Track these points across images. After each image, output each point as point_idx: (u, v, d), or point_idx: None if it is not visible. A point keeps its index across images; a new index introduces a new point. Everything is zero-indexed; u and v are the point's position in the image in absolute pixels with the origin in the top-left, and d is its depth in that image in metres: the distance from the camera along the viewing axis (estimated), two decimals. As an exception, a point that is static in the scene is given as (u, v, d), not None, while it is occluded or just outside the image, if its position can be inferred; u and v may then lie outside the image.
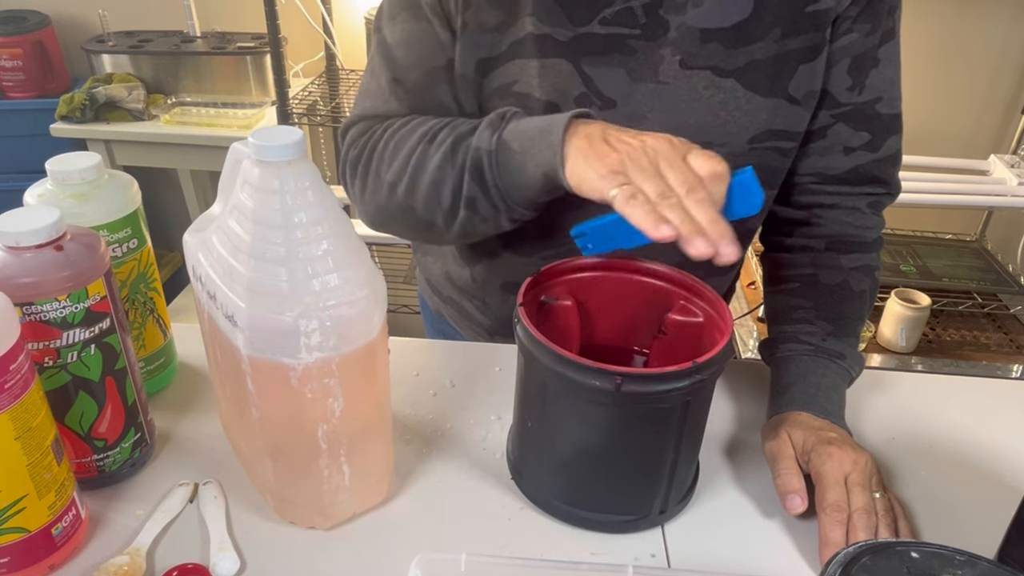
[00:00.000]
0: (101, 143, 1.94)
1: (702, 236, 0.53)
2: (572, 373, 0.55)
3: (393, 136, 0.74)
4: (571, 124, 0.62)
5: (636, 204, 0.55)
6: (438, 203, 0.71)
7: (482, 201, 0.69)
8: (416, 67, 0.75)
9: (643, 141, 0.58)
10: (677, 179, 0.56)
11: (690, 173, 0.56)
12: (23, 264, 0.54)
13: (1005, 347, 1.64)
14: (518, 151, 0.65)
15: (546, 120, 0.64)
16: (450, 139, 0.69)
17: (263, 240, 0.51)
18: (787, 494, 0.63)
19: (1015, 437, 0.75)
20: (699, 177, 0.56)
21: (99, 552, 0.59)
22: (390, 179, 0.74)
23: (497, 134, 0.66)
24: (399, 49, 0.75)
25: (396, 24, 0.75)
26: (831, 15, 0.70)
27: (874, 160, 0.78)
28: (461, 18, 0.71)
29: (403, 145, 0.73)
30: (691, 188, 0.55)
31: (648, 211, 0.54)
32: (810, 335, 0.74)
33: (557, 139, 0.61)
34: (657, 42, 0.70)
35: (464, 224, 0.72)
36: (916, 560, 0.48)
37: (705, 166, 0.56)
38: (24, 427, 0.51)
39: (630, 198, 0.55)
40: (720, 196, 0.56)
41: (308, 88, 1.95)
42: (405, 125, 0.74)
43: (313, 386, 0.53)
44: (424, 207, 0.72)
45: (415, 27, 0.74)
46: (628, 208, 0.55)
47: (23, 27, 1.99)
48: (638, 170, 0.57)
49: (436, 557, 0.51)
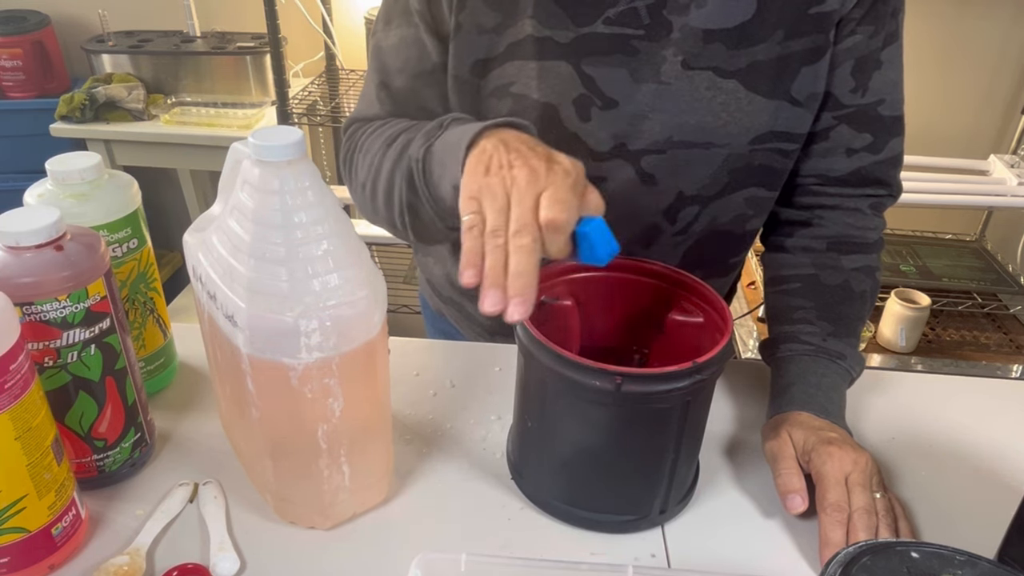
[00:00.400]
0: (101, 143, 1.94)
1: (496, 290, 0.51)
2: (572, 373, 0.55)
3: (367, 138, 0.76)
4: (476, 140, 0.60)
5: (469, 237, 0.53)
6: (391, 206, 0.72)
7: (420, 208, 0.69)
8: (402, 72, 0.76)
9: (512, 167, 0.55)
10: (515, 216, 0.53)
11: (528, 214, 0.53)
12: (23, 264, 0.54)
13: (1005, 347, 1.64)
14: (438, 163, 0.64)
15: (465, 131, 0.61)
16: (400, 144, 0.70)
17: (263, 240, 0.51)
18: (788, 494, 0.63)
19: (1015, 437, 0.75)
20: (536, 221, 0.53)
21: (99, 552, 0.59)
22: (360, 180, 0.76)
23: (428, 144, 0.66)
24: (390, 53, 0.77)
25: (390, 29, 0.76)
26: (835, 17, 0.70)
27: (876, 162, 0.78)
28: (455, 20, 0.71)
29: (371, 148, 0.75)
30: (519, 229, 0.52)
31: (470, 248, 0.53)
32: (811, 335, 0.74)
33: (460, 155, 0.60)
34: (660, 43, 0.70)
35: (414, 228, 0.72)
36: (916, 560, 0.48)
37: (545, 211, 0.52)
38: (24, 427, 0.51)
39: (468, 229, 0.54)
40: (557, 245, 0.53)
41: (308, 88, 1.95)
42: (379, 128, 0.76)
43: (313, 386, 0.53)
44: (384, 209, 0.74)
45: (406, 33, 0.75)
46: (463, 238, 0.54)
47: (23, 27, 1.99)
48: (489, 200, 0.54)
49: (436, 557, 0.51)
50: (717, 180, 0.76)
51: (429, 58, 0.74)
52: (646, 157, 0.74)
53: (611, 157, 0.74)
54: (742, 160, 0.74)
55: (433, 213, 0.68)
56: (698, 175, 0.75)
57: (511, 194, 0.54)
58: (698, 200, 0.77)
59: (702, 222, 0.79)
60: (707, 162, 0.74)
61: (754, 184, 0.77)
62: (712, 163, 0.74)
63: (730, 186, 0.77)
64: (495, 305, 0.51)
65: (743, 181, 0.77)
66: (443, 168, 0.63)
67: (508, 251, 0.52)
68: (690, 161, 0.74)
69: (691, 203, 0.77)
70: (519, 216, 0.53)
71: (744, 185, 0.77)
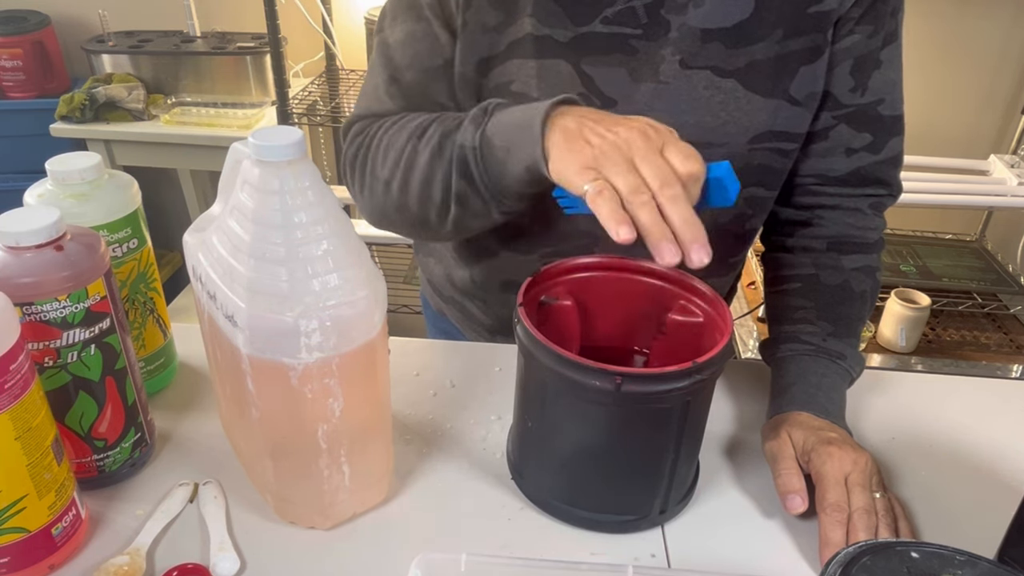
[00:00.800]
0: (101, 143, 1.94)
1: (669, 242, 0.52)
2: (572, 373, 0.55)
3: (386, 134, 0.75)
4: (549, 117, 0.61)
5: (603, 200, 0.53)
6: (430, 199, 0.71)
7: (471, 196, 0.69)
8: (413, 66, 0.75)
9: (617, 133, 0.57)
10: (651, 173, 0.54)
11: (665, 167, 0.54)
12: (23, 264, 0.54)
13: (1005, 347, 1.64)
14: (500, 147, 0.64)
15: (526, 113, 0.62)
16: (437, 135, 0.70)
17: (263, 240, 0.51)
18: (787, 494, 0.63)
19: (1015, 437, 0.75)
20: (674, 172, 0.54)
21: (99, 552, 0.59)
22: (384, 177, 0.74)
23: (480, 130, 0.66)
24: (398, 49, 0.76)
25: (397, 25, 0.76)
26: (833, 16, 0.70)
27: (876, 161, 0.78)
28: (462, 17, 0.71)
29: (395, 143, 0.73)
30: (664, 183, 0.53)
31: (613, 208, 0.53)
32: (811, 335, 0.74)
33: (536, 134, 0.60)
34: (658, 42, 0.70)
35: (457, 219, 0.72)
36: (916, 560, 0.48)
37: (682, 165, 0.54)
38: (24, 427, 0.51)
39: (597, 194, 0.54)
40: (695, 196, 0.55)
41: (308, 88, 1.95)
42: (397, 122, 0.75)
43: (313, 386, 0.53)
44: (417, 204, 0.73)
45: (415, 27, 0.74)
46: (596, 204, 0.54)
47: (23, 27, 1.99)
48: (611, 164, 0.55)
49: (436, 557, 0.51)
50: None
51: (441, 53, 0.74)
52: None
53: None
54: (741, 160, 0.74)
55: (490, 197, 0.68)
56: None
57: (632, 156, 0.55)
58: None
59: (701, 222, 0.79)
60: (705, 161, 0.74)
61: (753, 184, 0.77)
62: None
63: None
64: (675, 255, 0.52)
65: (742, 180, 0.76)
66: (508, 152, 0.63)
67: (661, 204, 0.53)
68: None
69: None
70: (657, 171, 0.54)
71: (743, 184, 0.77)
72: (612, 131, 0.57)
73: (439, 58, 0.74)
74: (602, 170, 0.55)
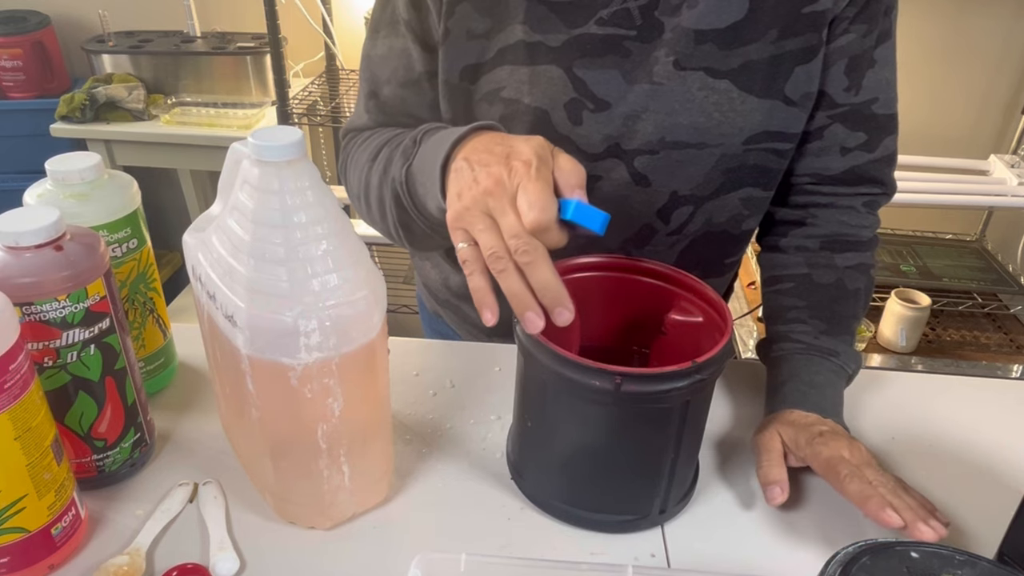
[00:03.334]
0: (101, 143, 1.94)
1: (532, 311, 0.53)
2: (572, 373, 0.55)
3: (357, 151, 0.78)
4: (450, 158, 0.59)
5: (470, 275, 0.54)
6: (384, 219, 0.74)
7: (412, 225, 0.70)
8: (391, 81, 0.77)
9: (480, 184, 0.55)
10: (506, 231, 0.53)
11: (515, 223, 0.52)
12: (23, 264, 0.54)
13: (1005, 347, 1.64)
14: (420, 183, 0.64)
15: (435, 150, 0.61)
16: (383, 161, 0.71)
17: (263, 240, 0.51)
18: (768, 484, 0.63)
19: (1015, 437, 0.75)
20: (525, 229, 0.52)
21: (99, 552, 0.59)
22: (354, 192, 0.78)
23: (407, 165, 0.66)
24: (378, 63, 0.78)
25: (378, 39, 0.77)
26: (828, 16, 0.70)
27: (870, 160, 0.78)
28: (444, 26, 0.71)
29: (359, 162, 0.76)
30: (518, 245, 0.52)
31: (478, 286, 0.54)
32: (803, 334, 0.74)
33: (437, 177, 0.60)
34: (652, 43, 0.70)
35: (409, 240, 0.74)
36: (916, 560, 0.48)
37: (526, 217, 0.52)
38: (24, 427, 0.51)
39: (463, 263, 0.55)
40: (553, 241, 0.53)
41: (308, 88, 1.95)
42: (368, 139, 0.77)
43: (313, 386, 0.53)
44: (380, 221, 0.75)
45: (395, 42, 0.76)
46: (467, 276, 0.54)
47: (23, 27, 2.00)
48: (475, 221, 0.54)
49: (436, 557, 0.51)
50: (711, 180, 0.76)
51: (414, 68, 0.75)
52: (639, 158, 0.74)
53: (604, 158, 0.74)
54: (736, 160, 0.74)
55: (425, 228, 0.69)
56: (692, 175, 0.75)
57: (492, 211, 0.54)
58: (692, 200, 0.77)
59: (697, 222, 0.79)
60: (700, 162, 0.74)
61: (749, 184, 0.77)
62: (706, 163, 0.74)
63: (725, 186, 0.77)
64: (538, 326, 0.53)
65: (738, 181, 0.77)
66: (425, 189, 0.63)
67: (520, 268, 0.53)
68: (683, 161, 0.74)
69: (685, 203, 0.77)
70: (509, 228, 0.53)
71: (739, 185, 0.77)
72: (477, 180, 0.55)
73: (414, 73, 0.76)
74: (468, 229, 0.55)
